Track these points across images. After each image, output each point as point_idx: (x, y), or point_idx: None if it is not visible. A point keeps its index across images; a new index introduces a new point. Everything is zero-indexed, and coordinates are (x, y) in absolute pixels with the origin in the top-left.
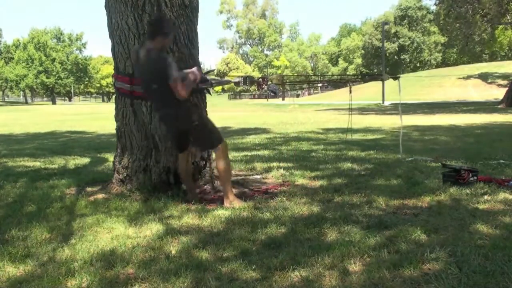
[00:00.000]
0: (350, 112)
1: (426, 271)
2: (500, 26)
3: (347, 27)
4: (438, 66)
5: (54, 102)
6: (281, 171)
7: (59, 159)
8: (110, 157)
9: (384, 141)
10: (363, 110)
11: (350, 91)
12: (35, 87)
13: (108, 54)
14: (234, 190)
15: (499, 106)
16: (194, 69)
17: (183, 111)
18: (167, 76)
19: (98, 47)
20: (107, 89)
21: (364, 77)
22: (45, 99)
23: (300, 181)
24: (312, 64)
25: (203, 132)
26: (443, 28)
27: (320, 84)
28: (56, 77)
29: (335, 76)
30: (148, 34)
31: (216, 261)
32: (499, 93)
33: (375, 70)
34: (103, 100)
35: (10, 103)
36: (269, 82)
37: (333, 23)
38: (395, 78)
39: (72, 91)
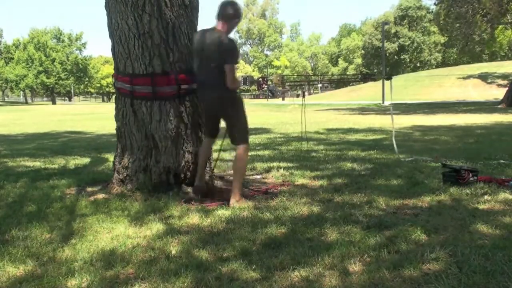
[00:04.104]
0: (303, 117)
1: (426, 271)
2: (500, 26)
3: (347, 27)
4: (438, 66)
5: (54, 102)
6: (281, 171)
7: (59, 159)
8: (110, 157)
9: (384, 141)
10: (363, 110)
11: (303, 96)
12: (35, 87)
13: (108, 54)
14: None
15: (499, 106)
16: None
17: (233, 96)
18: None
19: (98, 47)
20: (107, 89)
21: (357, 78)
22: (45, 99)
23: (300, 181)
24: (312, 64)
25: (236, 126)
26: (443, 28)
27: (320, 85)
28: (56, 77)
29: (334, 76)
30: (221, 16)
31: (216, 261)
32: (499, 93)
33: (375, 70)
34: (103, 100)
35: (10, 103)
36: (269, 83)
37: (333, 23)
38: (388, 79)
39: (72, 91)
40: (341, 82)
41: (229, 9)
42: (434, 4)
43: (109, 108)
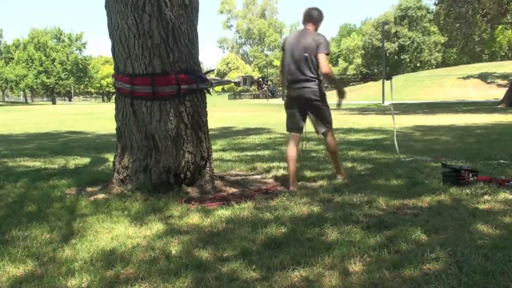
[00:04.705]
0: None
1: (426, 271)
2: (500, 26)
3: (347, 27)
4: (438, 66)
5: (54, 102)
6: (281, 171)
7: (59, 159)
8: (110, 157)
9: (384, 141)
10: (363, 110)
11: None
12: (35, 87)
13: (108, 54)
14: (234, 190)
15: (499, 106)
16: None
17: (322, 89)
18: (319, 49)
19: (98, 47)
20: (107, 89)
21: (357, 78)
22: (45, 99)
23: (300, 181)
24: None
25: (326, 113)
26: (443, 28)
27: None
28: (56, 77)
29: (334, 76)
30: (309, 19)
31: (216, 261)
32: (499, 93)
33: (375, 70)
34: (103, 100)
35: (10, 103)
36: (269, 83)
37: (333, 23)
38: (388, 79)
39: (72, 91)
40: (341, 82)
41: (317, 13)
42: (434, 4)
43: (109, 108)
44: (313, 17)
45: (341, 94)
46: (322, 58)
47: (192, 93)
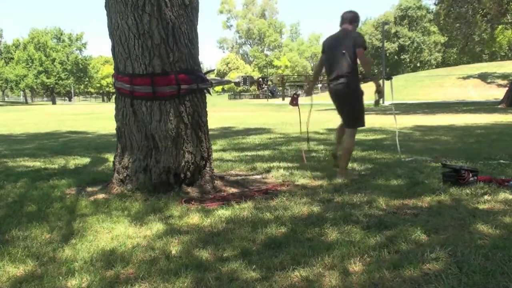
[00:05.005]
0: (309, 118)
1: (426, 271)
2: (500, 26)
3: None
4: (438, 66)
5: (54, 102)
6: (281, 171)
7: (59, 159)
8: (110, 157)
9: (384, 141)
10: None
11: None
12: (35, 87)
13: (108, 54)
14: (234, 190)
15: (499, 106)
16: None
17: (357, 86)
18: (357, 45)
19: (98, 47)
20: (107, 89)
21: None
22: (45, 99)
23: (300, 181)
24: (312, 64)
25: (354, 110)
26: (443, 28)
27: (320, 85)
28: (56, 77)
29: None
30: (346, 20)
31: (216, 261)
32: (499, 93)
33: (375, 70)
34: (103, 100)
35: (10, 103)
36: (269, 83)
37: (333, 23)
38: (388, 79)
39: (72, 91)
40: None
41: (353, 15)
42: (434, 4)
43: (109, 108)
44: (349, 18)
45: (380, 94)
46: (361, 52)
47: (192, 93)
